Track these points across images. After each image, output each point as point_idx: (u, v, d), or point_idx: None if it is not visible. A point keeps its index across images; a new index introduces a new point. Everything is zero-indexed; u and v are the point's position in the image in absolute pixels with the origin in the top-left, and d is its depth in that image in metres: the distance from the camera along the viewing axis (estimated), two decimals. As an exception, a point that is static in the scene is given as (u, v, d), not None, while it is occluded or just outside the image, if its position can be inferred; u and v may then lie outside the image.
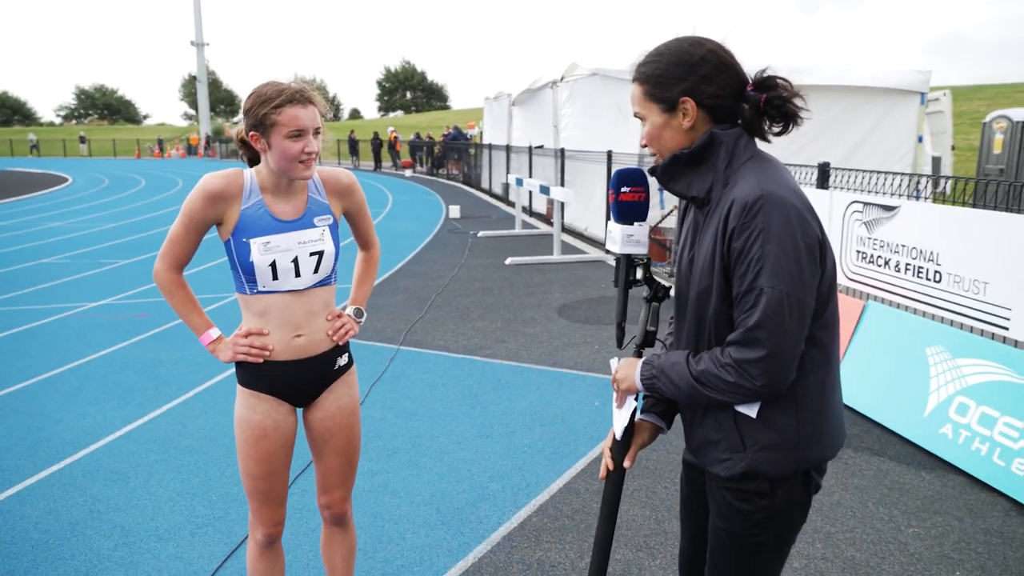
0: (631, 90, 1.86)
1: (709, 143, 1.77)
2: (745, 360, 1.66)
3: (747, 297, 1.67)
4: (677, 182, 1.83)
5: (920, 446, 4.54)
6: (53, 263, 11.34)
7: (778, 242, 1.64)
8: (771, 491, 1.80)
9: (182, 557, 3.43)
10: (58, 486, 4.12)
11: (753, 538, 1.84)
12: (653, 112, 1.80)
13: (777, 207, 1.65)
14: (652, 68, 1.79)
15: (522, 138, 18.71)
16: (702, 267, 1.77)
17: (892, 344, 5.12)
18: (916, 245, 5.14)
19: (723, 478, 1.83)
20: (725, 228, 1.69)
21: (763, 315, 1.64)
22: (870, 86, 11.41)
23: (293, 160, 2.26)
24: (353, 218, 2.64)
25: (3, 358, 6.47)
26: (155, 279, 2.44)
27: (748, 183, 1.70)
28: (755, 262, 1.64)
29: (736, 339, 1.69)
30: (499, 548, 3.49)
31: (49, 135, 71.07)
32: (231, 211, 2.32)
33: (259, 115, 2.25)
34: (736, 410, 1.79)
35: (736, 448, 1.80)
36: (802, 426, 1.78)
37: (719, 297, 1.74)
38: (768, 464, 1.78)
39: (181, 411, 5.21)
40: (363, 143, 40.77)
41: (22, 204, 21.38)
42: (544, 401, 5.35)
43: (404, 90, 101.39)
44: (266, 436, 2.42)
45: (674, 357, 1.81)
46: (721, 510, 1.87)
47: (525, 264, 10.83)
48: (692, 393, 1.76)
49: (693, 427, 1.92)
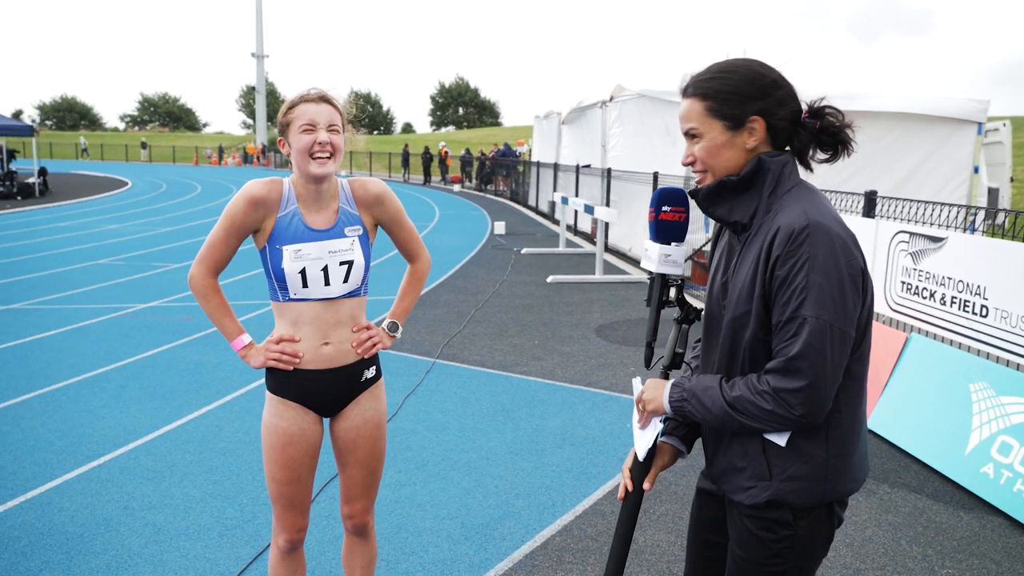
0: (684, 106, 1.82)
1: (757, 169, 1.77)
2: (784, 389, 1.66)
3: (789, 326, 1.66)
4: (719, 207, 1.82)
5: (959, 484, 4.41)
6: (108, 264, 11.69)
7: (823, 272, 1.64)
8: (794, 521, 1.78)
9: (209, 557, 3.49)
10: (96, 482, 4.24)
11: (773, 568, 1.81)
12: (715, 129, 1.77)
13: (823, 236, 1.66)
14: (720, 84, 1.77)
15: (570, 156, 18.74)
16: (739, 293, 1.77)
17: (934, 378, 5.00)
18: (963, 278, 5.03)
19: (746, 506, 1.81)
20: (768, 255, 1.69)
21: (805, 345, 1.63)
22: (925, 114, 11.19)
23: (305, 153, 2.33)
24: (390, 228, 2.64)
25: (54, 355, 6.68)
26: (190, 283, 2.51)
27: (794, 211, 1.70)
28: (799, 291, 1.64)
29: (776, 367, 1.68)
30: (520, 567, 3.49)
31: (112, 140, 73.41)
32: (269, 218, 2.40)
33: (280, 120, 2.40)
34: (765, 438, 1.77)
35: (762, 476, 1.78)
36: (831, 458, 1.76)
37: (757, 324, 1.73)
38: (794, 494, 1.76)
39: (219, 414, 5.32)
40: (414, 157, 41.26)
41: (84, 206, 22.10)
42: (576, 421, 5.34)
43: (457, 106, 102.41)
44: (291, 443, 2.47)
45: (706, 381, 1.80)
46: (741, 538, 1.85)
47: (566, 282, 10.83)
48: (724, 418, 1.75)
49: (718, 453, 1.90)
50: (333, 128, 2.37)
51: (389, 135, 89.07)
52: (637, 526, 3.86)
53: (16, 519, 3.81)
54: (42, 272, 10.85)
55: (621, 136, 14.61)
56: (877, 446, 5.02)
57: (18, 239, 14.45)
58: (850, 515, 4.06)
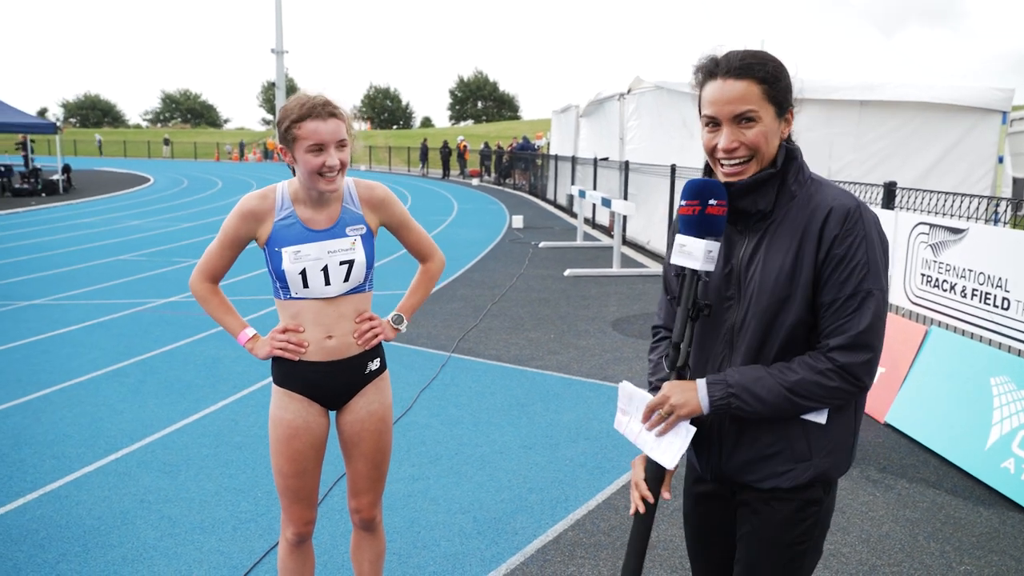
0: (737, 87, 1.71)
1: (788, 158, 1.80)
2: (854, 364, 1.70)
3: (851, 301, 1.70)
4: (746, 199, 1.79)
5: (979, 479, 4.35)
6: (129, 260, 11.81)
7: (876, 248, 1.73)
8: (823, 496, 1.85)
9: (223, 551, 3.52)
10: (113, 475, 4.28)
11: (801, 546, 1.86)
12: (769, 114, 1.73)
13: (869, 215, 1.74)
14: (775, 71, 1.73)
15: (588, 149, 18.68)
16: (776, 279, 1.74)
17: (954, 372, 4.93)
18: (984, 270, 4.95)
19: (784, 489, 1.82)
20: (820, 236, 1.72)
21: (874, 317, 1.69)
22: (947, 104, 11.03)
23: (314, 174, 2.31)
24: (397, 231, 2.67)
25: (75, 350, 6.76)
26: (191, 289, 2.56)
27: (835, 192, 1.77)
28: (861, 266, 1.69)
29: (843, 344, 1.70)
30: (532, 561, 3.48)
31: (135, 137, 74.12)
32: (264, 227, 2.42)
33: (283, 130, 2.32)
34: (804, 419, 1.79)
35: (802, 457, 1.80)
36: (857, 425, 1.86)
37: (803, 306, 1.74)
38: (833, 468, 1.82)
39: (235, 408, 5.36)
40: (433, 151, 41.31)
41: (106, 202, 22.34)
42: (590, 415, 5.32)
43: (476, 99, 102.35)
44: (297, 435, 2.48)
45: (751, 372, 1.75)
46: (771, 522, 1.85)
47: (584, 276, 10.80)
48: (781, 405, 1.74)
49: (739, 446, 1.84)
50: (342, 144, 2.32)
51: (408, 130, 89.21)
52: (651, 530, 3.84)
53: (35, 512, 3.85)
54: (65, 268, 10.98)
55: (639, 129, 14.53)
56: (896, 441, 4.96)
57: (42, 235, 14.63)
58: (866, 511, 4.02)
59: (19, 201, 21.75)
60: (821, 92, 10.63)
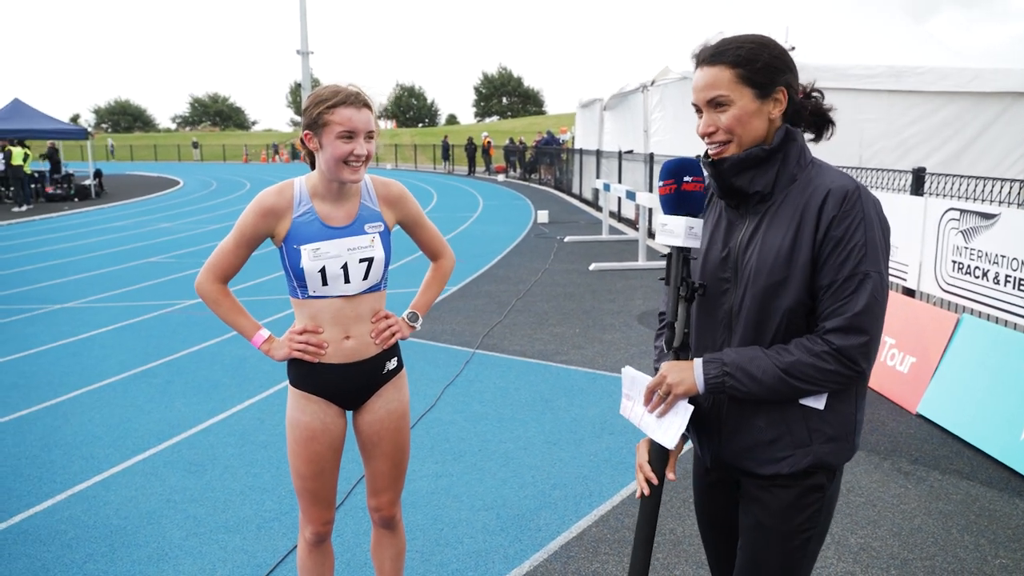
0: (708, 74, 1.77)
1: (786, 139, 1.78)
2: (850, 346, 1.68)
3: (848, 283, 1.69)
4: (741, 177, 1.80)
5: (1015, 470, 4.24)
6: (159, 262, 11.95)
7: (875, 229, 1.71)
8: (826, 483, 1.83)
9: (247, 550, 3.53)
10: (140, 475, 4.32)
11: (805, 533, 1.83)
12: (745, 97, 1.75)
13: (868, 197, 1.73)
14: (749, 53, 1.76)
15: (613, 143, 18.56)
16: (774, 262, 1.74)
17: (988, 360, 4.81)
18: (1017, 255, 4.82)
19: (784, 475, 1.80)
20: (818, 218, 1.71)
21: (870, 299, 1.68)
22: (977, 88, 10.79)
23: (340, 161, 2.29)
24: (411, 229, 2.65)
25: (105, 351, 6.85)
26: (198, 291, 2.50)
27: (835, 175, 1.76)
28: (859, 248, 1.68)
29: (839, 326, 1.69)
30: (556, 557, 3.46)
31: (165, 141, 75.13)
32: (282, 223, 2.38)
33: (314, 114, 2.29)
34: (802, 404, 1.77)
35: (802, 443, 1.78)
36: (859, 412, 1.82)
37: (802, 288, 1.73)
38: (833, 455, 1.80)
39: (261, 407, 5.39)
40: (457, 148, 41.36)
41: (137, 206, 22.65)
42: (615, 409, 5.28)
43: (500, 95, 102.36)
44: (314, 437, 2.47)
45: (748, 352, 1.75)
46: (774, 508, 1.83)
47: (609, 270, 10.73)
48: (776, 387, 1.72)
49: (738, 431, 1.84)
50: (370, 136, 2.32)
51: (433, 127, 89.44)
52: (676, 517, 3.80)
53: (64, 512, 3.90)
54: (96, 271, 11.14)
55: (663, 120, 14.41)
56: (928, 431, 4.85)
57: (74, 239, 14.86)
58: (898, 503, 3.93)
59: (52, 207, 22.13)
60: (851, 80, 10.45)
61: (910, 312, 5.67)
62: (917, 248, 5.85)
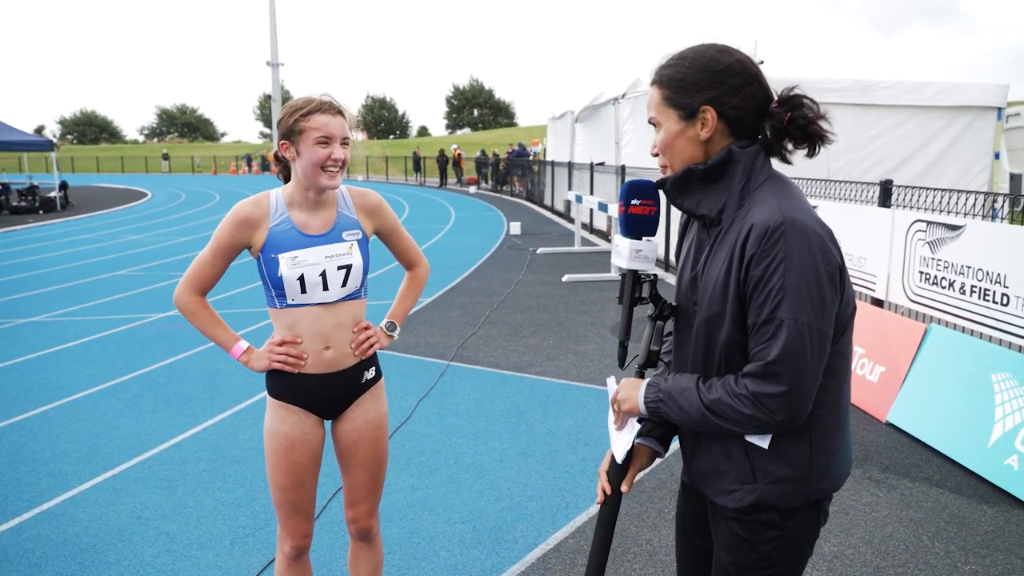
0: (649, 93, 1.77)
1: (727, 160, 1.68)
2: (764, 394, 1.58)
3: (766, 328, 1.58)
4: (687, 198, 1.74)
5: (983, 477, 4.32)
6: (127, 275, 11.78)
7: (800, 271, 1.55)
8: (781, 522, 1.72)
9: (221, 566, 3.48)
10: (110, 492, 4.25)
11: (761, 571, 1.75)
12: (670, 119, 1.72)
13: (799, 234, 1.57)
14: (674, 72, 1.71)
15: (584, 155, 18.67)
16: (712, 293, 1.68)
17: (955, 369, 4.90)
18: (982, 266, 4.92)
19: (731, 509, 1.75)
20: (743, 254, 1.60)
21: (784, 348, 1.55)
22: (942, 102, 11.03)
23: (318, 166, 2.31)
24: (388, 239, 2.67)
25: (73, 366, 6.73)
26: (176, 303, 2.49)
27: (768, 207, 1.61)
28: (775, 292, 1.56)
29: (754, 371, 1.60)
30: (532, 569, 3.45)
31: (132, 152, 74.24)
32: (259, 233, 2.39)
33: (289, 123, 2.33)
34: (747, 440, 1.70)
35: (746, 479, 1.71)
36: (815, 457, 1.70)
37: (733, 326, 1.65)
38: (780, 496, 1.70)
39: (232, 422, 5.32)
40: (429, 160, 41.34)
41: (104, 218, 22.33)
42: (590, 420, 5.29)
43: (472, 107, 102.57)
44: (294, 448, 2.46)
45: (683, 382, 1.72)
46: (727, 542, 1.79)
47: (582, 281, 10.77)
48: (701, 421, 1.68)
49: (697, 456, 1.83)
50: (346, 142, 2.37)
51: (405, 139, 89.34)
52: (652, 527, 3.82)
53: (31, 531, 3.82)
54: (63, 284, 10.96)
55: (634, 133, 14.52)
56: (898, 440, 4.93)
57: (40, 253, 14.61)
58: (869, 511, 3.99)
59: (16, 219, 21.75)
60: (816, 94, 10.58)
61: (879, 322, 5.76)
62: (885, 259, 5.96)
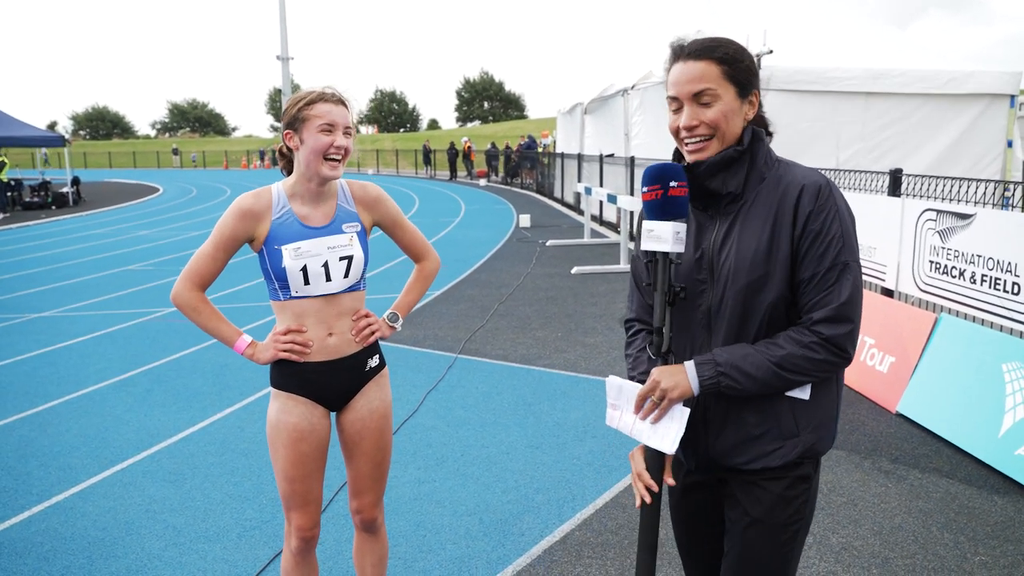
0: (696, 68, 1.77)
1: (756, 140, 1.82)
2: (838, 335, 1.72)
3: (830, 274, 1.73)
4: (715, 179, 1.82)
5: (993, 468, 4.28)
6: (137, 270, 11.84)
7: (848, 221, 1.77)
8: (812, 473, 1.87)
9: (228, 559, 3.50)
10: (119, 485, 4.27)
11: (794, 526, 1.86)
12: (730, 94, 1.78)
13: (838, 192, 1.79)
14: (735, 53, 1.79)
15: (594, 147, 18.61)
16: (753, 257, 1.77)
17: (966, 359, 4.85)
18: (993, 255, 4.87)
19: (773, 468, 1.82)
20: (795, 214, 1.75)
21: (853, 288, 1.73)
22: (953, 90, 10.92)
23: (321, 154, 2.32)
24: (391, 231, 2.66)
25: (83, 360, 6.77)
26: (175, 300, 2.47)
27: (804, 172, 1.80)
28: (836, 239, 1.73)
29: (826, 316, 1.73)
30: (539, 561, 3.45)
31: (144, 147, 74.59)
32: (262, 226, 2.40)
33: (293, 112, 2.35)
34: (789, 396, 1.80)
35: (790, 434, 1.81)
36: (839, 399, 1.88)
37: (783, 284, 1.76)
38: (821, 442, 1.84)
39: (241, 415, 5.34)
40: (439, 153, 41.34)
41: (116, 213, 22.45)
42: (598, 412, 5.28)
43: (482, 100, 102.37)
44: (302, 438, 2.46)
45: (739, 350, 1.77)
46: (763, 503, 1.85)
47: (591, 273, 10.75)
48: (770, 381, 1.75)
49: (724, 429, 1.84)
50: (348, 132, 2.38)
51: (415, 132, 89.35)
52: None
53: (40, 524, 3.85)
54: (74, 280, 11.03)
55: (643, 124, 14.47)
56: (908, 430, 4.89)
57: (52, 248, 14.70)
58: (879, 502, 3.96)
59: (29, 215, 21.90)
60: (826, 83, 10.55)
61: (889, 312, 5.71)
62: (895, 249, 5.90)
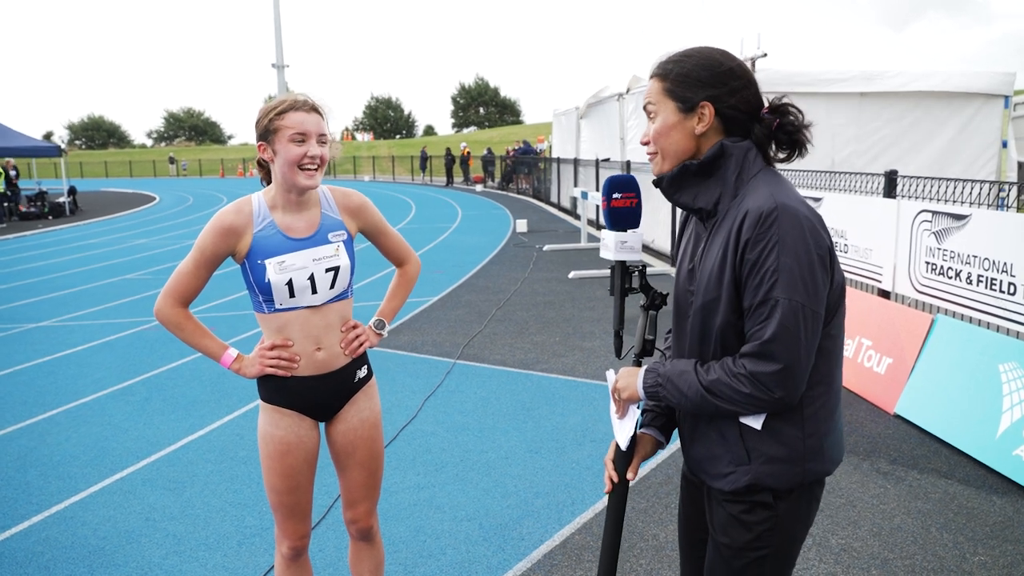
0: (648, 86, 1.83)
1: (720, 154, 1.76)
2: (761, 372, 1.65)
3: (761, 309, 1.65)
4: (683, 193, 1.81)
5: (991, 468, 4.29)
6: (135, 279, 11.84)
7: (793, 254, 1.63)
8: (775, 503, 1.77)
9: (228, 567, 3.50)
10: (119, 494, 4.27)
11: (756, 552, 1.79)
12: (668, 109, 1.78)
13: (791, 218, 1.65)
14: (678, 67, 1.78)
15: (589, 151, 18.64)
16: (708, 279, 1.75)
17: (963, 360, 4.87)
18: (989, 256, 4.89)
19: (727, 492, 1.80)
20: (738, 239, 1.68)
21: (779, 327, 1.63)
22: (947, 91, 10.96)
23: (295, 165, 2.29)
24: (374, 237, 2.64)
25: (81, 370, 6.77)
26: (158, 316, 2.43)
27: (761, 195, 1.69)
28: (770, 273, 1.63)
29: (751, 351, 1.67)
30: (539, 566, 3.45)
31: (140, 157, 74.55)
32: (243, 240, 2.36)
33: (264, 123, 2.31)
34: (741, 422, 1.76)
35: (740, 461, 1.77)
36: (808, 438, 1.75)
37: (729, 309, 1.72)
38: (773, 477, 1.75)
39: (240, 423, 5.34)
40: (436, 159, 41.37)
41: (113, 223, 22.44)
42: (596, 417, 5.29)
43: (478, 106, 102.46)
44: (289, 451, 2.45)
45: (681, 365, 1.78)
46: (723, 524, 1.83)
47: (588, 277, 10.76)
48: (700, 403, 1.73)
49: (694, 441, 1.89)
50: (323, 140, 2.34)
51: (411, 139, 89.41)
52: (659, 523, 3.81)
53: (40, 534, 3.84)
54: (71, 289, 11.02)
55: (639, 128, 14.49)
56: (906, 432, 4.90)
57: (48, 258, 14.69)
58: (877, 504, 3.97)
59: (26, 225, 21.88)
60: (820, 85, 10.59)
61: (885, 313, 5.73)
62: (891, 250, 5.93)
